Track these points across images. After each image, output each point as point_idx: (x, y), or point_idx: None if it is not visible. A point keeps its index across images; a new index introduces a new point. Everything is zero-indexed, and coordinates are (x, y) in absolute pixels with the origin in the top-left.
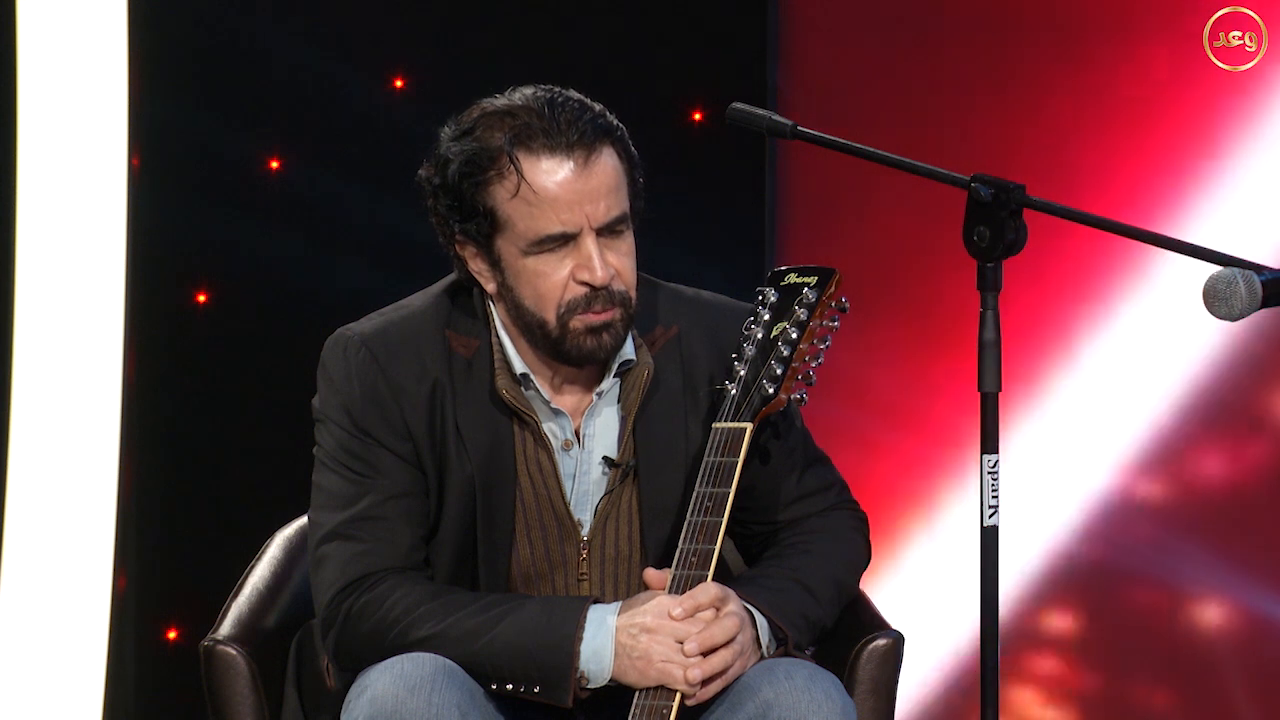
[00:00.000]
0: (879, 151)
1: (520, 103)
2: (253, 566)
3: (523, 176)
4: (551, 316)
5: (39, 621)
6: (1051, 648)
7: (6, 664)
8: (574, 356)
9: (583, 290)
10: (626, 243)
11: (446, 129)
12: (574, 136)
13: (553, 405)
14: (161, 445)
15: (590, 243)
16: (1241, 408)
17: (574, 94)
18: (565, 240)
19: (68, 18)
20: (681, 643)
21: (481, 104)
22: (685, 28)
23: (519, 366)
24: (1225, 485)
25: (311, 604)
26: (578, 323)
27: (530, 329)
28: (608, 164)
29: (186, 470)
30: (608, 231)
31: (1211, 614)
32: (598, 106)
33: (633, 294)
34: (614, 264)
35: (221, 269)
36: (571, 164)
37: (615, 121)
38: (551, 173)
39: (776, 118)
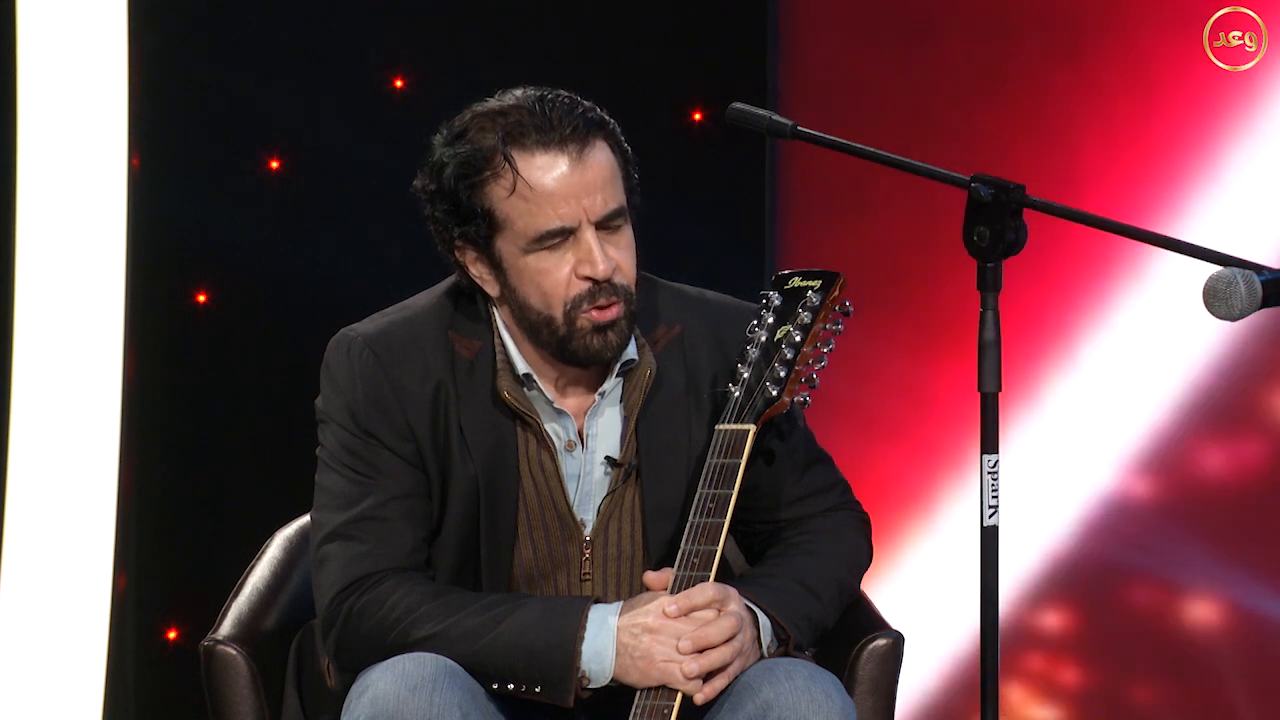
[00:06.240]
0: (879, 151)
1: (511, 102)
2: (253, 566)
3: (518, 173)
4: (559, 314)
5: (39, 621)
6: (1051, 647)
7: (6, 664)
8: (580, 356)
9: (586, 285)
10: (625, 237)
11: (439, 135)
12: (567, 131)
13: (556, 406)
14: (161, 445)
15: (590, 236)
16: (1241, 408)
17: (563, 92)
18: (565, 235)
19: (68, 18)
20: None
21: (473, 107)
22: (685, 28)
23: (522, 367)
24: (1225, 485)
25: (312, 604)
26: (584, 320)
27: (536, 330)
28: (602, 157)
29: (186, 470)
30: (606, 225)
31: (1210, 613)
32: (588, 103)
33: (634, 289)
34: (614, 257)
35: (221, 269)
36: (566, 158)
37: (606, 116)
38: (547, 168)
39: (776, 118)
